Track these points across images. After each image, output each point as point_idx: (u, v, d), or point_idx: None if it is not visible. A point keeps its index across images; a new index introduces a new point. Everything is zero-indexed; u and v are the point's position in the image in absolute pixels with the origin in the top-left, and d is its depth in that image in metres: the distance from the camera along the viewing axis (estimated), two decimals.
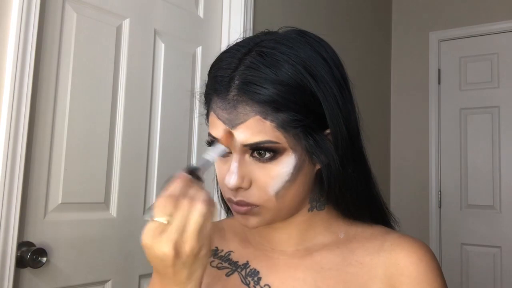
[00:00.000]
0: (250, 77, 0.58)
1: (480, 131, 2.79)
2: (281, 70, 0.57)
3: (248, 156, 0.59)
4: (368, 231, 0.67)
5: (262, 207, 0.60)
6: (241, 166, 0.59)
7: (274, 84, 0.57)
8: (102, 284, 1.34)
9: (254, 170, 0.59)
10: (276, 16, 1.96)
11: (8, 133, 1.09)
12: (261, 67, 0.58)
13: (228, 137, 0.58)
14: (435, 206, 2.87)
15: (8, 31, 1.12)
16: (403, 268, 0.61)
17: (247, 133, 0.57)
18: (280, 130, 0.58)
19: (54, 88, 1.24)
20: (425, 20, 3.03)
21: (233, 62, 0.60)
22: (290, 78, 0.57)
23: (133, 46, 1.46)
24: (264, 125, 0.57)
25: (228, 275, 0.67)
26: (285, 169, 0.59)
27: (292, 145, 0.59)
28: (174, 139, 1.59)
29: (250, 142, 0.57)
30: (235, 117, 0.58)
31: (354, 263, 0.63)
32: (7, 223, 1.09)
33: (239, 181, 0.58)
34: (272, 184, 0.58)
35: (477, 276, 2.71)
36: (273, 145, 0.58)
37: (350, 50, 2.56)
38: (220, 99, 0.59)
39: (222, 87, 0.59)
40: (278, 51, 0.59)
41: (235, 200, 0.60)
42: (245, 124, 0.58)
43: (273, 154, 0.58)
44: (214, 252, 0.70)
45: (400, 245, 0.63)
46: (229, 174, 0.59)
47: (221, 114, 0.59)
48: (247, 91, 0.57)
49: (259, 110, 0.57)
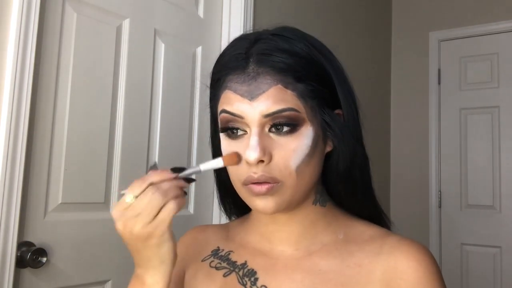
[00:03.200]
0: (268, 50, 0.60)
1: (480, 131, 2.79)
2: (296, 46, 0.60)
3: (267, 130, 0.59)
4: (367, 233, 0.66)
5: (283, 185, 0.59)
6: (261, 139, 0.58)
7: (292, 55, 0.60)
8: (102, 284, 1.34)
9: (273, 144, 0.58)
10: (276, 16, 1.96)
11: (8, 133, 1.09)
12: (278, 41, 0.60)
13: (233, 157, 0.59)
14: (435, 206, 2.87)
15: (8, 31, 1.12)
16: (402, 272, 0.60)
17: (268, 102, 0.58)
18: (300, 99, 0.59)
19: (54, 88, 1.24)
20: (425, 20, 3.03)
21: (246, 43, 0.62)
22: (305, 52, 0.60)
23: (133, 46, 1.45)
24: (286, 94, 0.58)
25: (226, 276, 0.66)
26: (304, 141, 0.59)
27: (310, 117, 0.60)
28: (174, 139, 1.59)
29: (272, 110, 0.58)
30: (256, 88, 0.58)
31: (352, 265, 0.62)
32: (7, 223, 1.09)
33: (261, 153, 0.57)
34: (293, 157, 0.58)
35: (477, 276, 2.71)
36: (294, 113, 0.58)
37: (350, 50, 2.56)
38: (238, 74, 0.60)
39: (239, 63, 0.60)
40: (288, 33, 0.62)
41: (255, 177, 0.58)
42: (266, 93, 0.58)
43: (293, 127, 0.59)
44: (215, 252, 0.70)
45: (399, 249, 0.62)
46: (249, 149, 0.57)
47: (239, 88, 0.59)
48: (267, 61, 0.59)
49: (280, 79, 0.58)
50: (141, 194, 0.55)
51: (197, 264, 0.71)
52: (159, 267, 0.57)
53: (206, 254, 0.71)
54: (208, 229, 0.77)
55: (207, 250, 0.72)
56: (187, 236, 0.77)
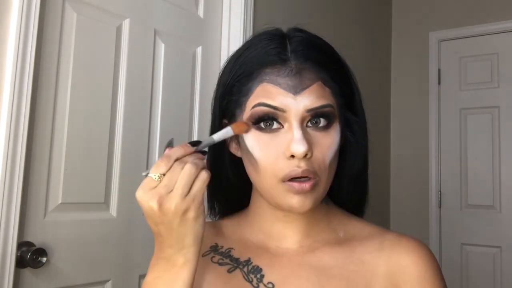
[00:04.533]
0: (307, 46, 0.62)
1: (480, 131, 2.79)
2: (327, 47, 0.64)
3: (305, 125, 0.60)
4: (366, 230, 0.68)
5: (320, 180, 0.59)
6: (304, 132, 0.59)
7: (327, 54, 0.63)
8: (102, 284, 1.34)
9: (312, 139, 0.59)
10: (276, 16, 1.96)
11: (8, 133, 1.09)
12: (315, 40, 0.63)
13: (241, 125, 0.60)
14: (435, 206, 2.87)
15: (8, 31, 1.12)
16: (405, 267, 0.62)
17: (312, 97, 0.59)
18: (334, 98, 0.62)
19: (54, 88, 1.24)
20: (425, 20, 3.03)
21: (277, 39, 0.62)
22: (335, 53, 0.64)
23: (133, 46, 1.45)
24: (324, 91, 0.60)
25: (230, 271, 0.66)
26: (336, 138, 0.61)
27: (339, 115, 0.62)
28: (174, 139, 1.59)
29: (315, 105, 0.59)
30: (300, 82, 0.59)
31: (355, 261, 0.63)
32: (7, 223, 1.09)
33: (308, 146, 0.57)
34: (328, 152, 0.60)
35: (477, 276, 2.71)
36: (332, 109, 0.61)
37: (350, 50, 2.55)
38: (278, 68, 0.60)
39: (278, 57, 0.61)
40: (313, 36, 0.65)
41: (300, 171, 0.57)
42: (310, 89, 0.59)
43: (328, 122, 0.60)
44: (214, 248, 0.70)
45: (399, 244, 0.64)
46: (295, 142, 0.57)
47: (282, 81, 0.60)
48: (309, 57, 0.61)
49: (321, 76, 0.61)
50: (169, 170, 0.55)
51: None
52: (193, 244, 0.57)
53: (205, 249, 0.70)
54: None
55: (205, 245, 0.70)
56: None
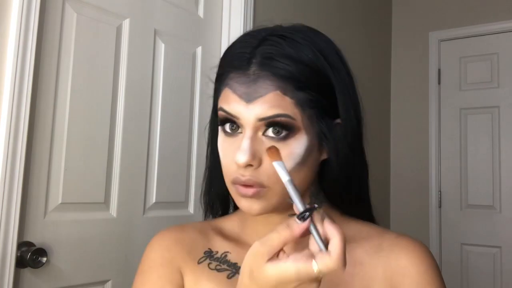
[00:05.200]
0: (272, 54, 0.59)
1: (480, 131, 2.79)
2: (302, 52, 0.59)
3: (261, 134, 0.58)
4: (364, 231, 0.67)
5: (270, 190, 0.58)
6: (253, 143, 0.57)
7: (296, 63, 0.58)
8: (102, 284, 1.34)
9: (265, 149, 0.57)
10: (276, 16, 1.95)
11: (8, 133, 1.09)
12: (284, 46, 0.59)
13: (274, 151, 0.54)
14: (435, 206, 2.87)
15: (8, 31, 1.12)
16: (404, 268, 0.61)
17: (265, 106, 0.57)
18: (298, 108, 0.58)
19: (54, 88, 1.24)
20: (425, 20, 3.03)
21: (254, 42, 0.61)
22: (310, 60, 0.59)
23: (133, 46, 1.45)
24: (283, 100, 0.57)
25: (230, 278, 0.64)
26: (297, 150, 0.58)
27: (306, 125, 0.59)
28: (174, 139, 1.59)
29: (267, 115, 0.57)
30: (254, 91, 0.58)
31: (353, 263, 0.63)
32: (7, 223, 1.09)
33: (249, 157, 0.56)
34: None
35: (477, 276, 2.71)
36: (289, 120, 0.57)
37: (350, 50, 2.55)
38: (239, 74, 0.59)
39: (242, 62, 0.60)
40: (298, 36, 0.60)
41: (243, 180, 0.58)
42: (263, 98, 0.57)
43: (287, 133, 0.58)
44: (209, 254, 0.68)
45: (398, 245, 0.63)
46: (240, 151, 0.57)
47: (239, 88, 0.59)
48: (269, 66, 0.58)
49: (280, 86, 0.58)
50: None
51: (194, 267, 0.67)
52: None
53: (199, 256, 0.68)
54: (188, 229, 0.72)
55: (198, 251, 0.68)
56: (166, 237, 0.71)
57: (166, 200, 1.55)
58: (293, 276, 0.46)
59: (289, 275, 0.46)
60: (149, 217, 1.48)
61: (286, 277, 0.46)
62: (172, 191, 1.57)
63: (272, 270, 0.47)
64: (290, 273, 0.46)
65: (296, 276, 0.46)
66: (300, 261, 0.46)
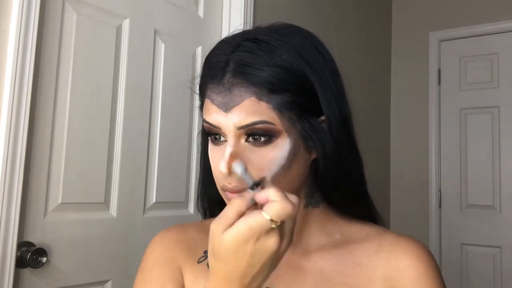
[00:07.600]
0: (244, 60, 0.58)
1: (480, 131, 2.79)
2: (276, 54, 0.58)
3: (243, 141, 0.58)
4: (364, 231, 0.66)
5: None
6: (236, 150, 0.57)
7: (269, 67, 0.57)
8: (102, 284, 1.34)
9: (249, 155, 0.57)
10: (276, 16, 1.96)
11: (8, 133, 1.09)
12: (256, 51, 0.58)
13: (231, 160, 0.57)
14: (435, 206, 2.87)
15: (8, 31, 1.12)
16: (403, 270, 0.61)
17: (241, 114, 0.57)
18: (275, 111, 0.57)
19: (54, 88, 1.24)
20: (425, 20, 3.03)
21: (228, 49, 0.60)
22: (285, 62, 0.58)
23: (133, 46, 1.45)
24: (259, 106, 0.57)
25: None
26: (280, 153, 0.58)
27: (287, 128, 0.58)
28: (174, 139, 1.59)
29: (245, 123, 0.57)
30: (230, 99, 0.58)
31: (352, 264, 0.62)
32: (7, 223, 1.09)
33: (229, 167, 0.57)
34: (268, 168, 0.57)
35: (477, 276, 2.71)
36: (268, 125, 0.57)
37: (350, 50, 2.56)
38: (215, 84, 0.59)
39: (217, 72, 0.59)
40: (273, 38, 0.59)
41: (229, 187, 0.58)
42: (239, 106, 0.57)
43: (268, 138, 0.57)
44: (206, 255, 0.68)
45: (398, 246, 0.63)
46: (223, 160, 0.57)
47: (216, 98, 0.59)
48: (242, 73, 0.57)
49: (254, 92, 0.57)
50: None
51: (194, 267, 0.68)
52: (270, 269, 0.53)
53: (199, 255, 0.68)
54: (189, 228, 0.73)
55: (198, 251, 0.69)
56: (167, 236, 0.72)
57: (166, 200, 1.55)
58: (247, 233, 0.47)
59: (243, 233, 0.47)
60: (149, 217, 1.48)
61: (242, 237, 0.47)
62: (172, 191, 1.57)
63: (227, 238, 0.48)
64: (243, 231, 0.47)
65: (250, 231, 0.47)
66: (250, 217, 0.47)
